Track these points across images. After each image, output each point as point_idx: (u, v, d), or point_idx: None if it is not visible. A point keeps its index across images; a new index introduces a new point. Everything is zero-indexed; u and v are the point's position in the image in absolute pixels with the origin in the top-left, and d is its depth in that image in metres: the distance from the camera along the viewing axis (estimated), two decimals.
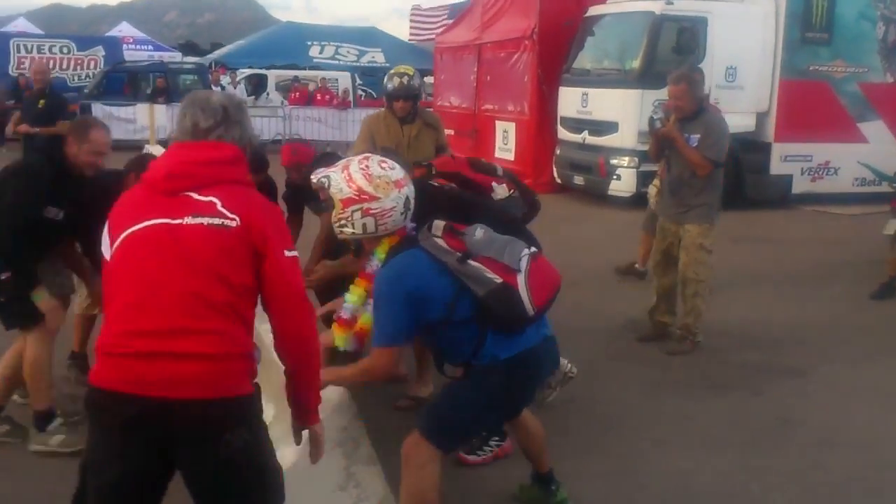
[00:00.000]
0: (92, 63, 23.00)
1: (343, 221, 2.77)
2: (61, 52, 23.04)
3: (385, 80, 5.21)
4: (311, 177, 2.88)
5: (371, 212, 2.74)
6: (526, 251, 2.81)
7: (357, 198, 2.73)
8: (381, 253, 2.85)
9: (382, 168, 2.79)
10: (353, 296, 3.09)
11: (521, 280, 2.73)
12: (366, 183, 2.74)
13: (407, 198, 2.81)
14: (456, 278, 2.71)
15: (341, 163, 2.88)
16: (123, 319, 2.05)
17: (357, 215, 2.75)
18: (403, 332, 2.71)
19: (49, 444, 3.84)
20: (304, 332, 2.21)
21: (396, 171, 2.80)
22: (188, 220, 2.09)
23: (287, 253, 2.16)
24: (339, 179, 2.77)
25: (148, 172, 2.23)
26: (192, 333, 2.02)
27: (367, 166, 2.78)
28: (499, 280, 2.71)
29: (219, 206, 2.11)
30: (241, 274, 2.10)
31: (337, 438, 2.83)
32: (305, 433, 2.39)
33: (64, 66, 22.75)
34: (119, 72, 19.73)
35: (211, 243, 2.08)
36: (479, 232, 2.84)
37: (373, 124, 5.23)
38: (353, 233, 2.79)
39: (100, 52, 23.52)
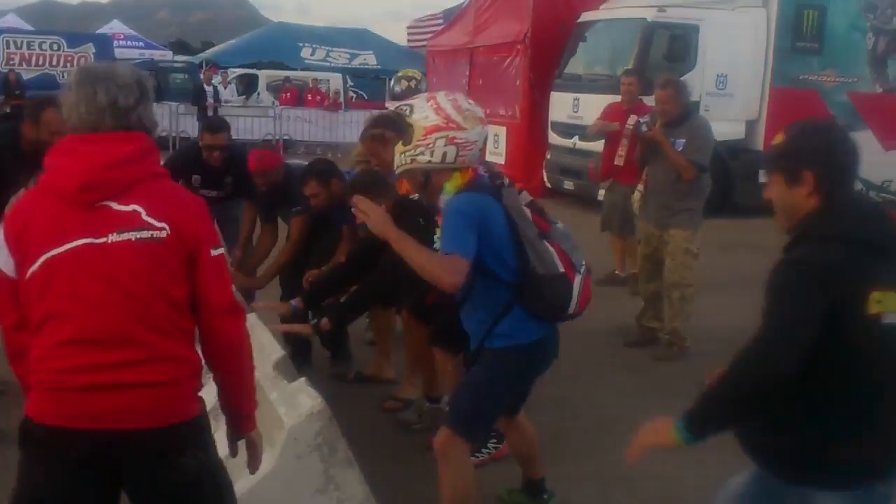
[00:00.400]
0: (82, 60, 22.85)
1: (422, 148, 2.75)
2: (51, 48, 22.91)
3: (392, 82, 5.20)
4: (391, 106, 2.91)
5: (455, 141, 2.73)
6: (584, 262, 2.97)
7: (444, 125, 2.72)
8: (450, 188, 2.81)
9: (469, 103, 2.82)
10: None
11: (577, 280, 2.89)
12: (455, 112, 2.74)
13: (486, 136, 2.86)
14: (520, 246, 2.78)
15: (423, 94, 2.92)
16: (62, 354, 1.89)
17: (440, 143, 2.73)
18: (473, 249, 2.66)
19: None
20: (237, 335, 2.08)
21: (480, 110, 2.84)
22: (114, 238, 1.91)
23: (213, 252, 2.03)
24: (424, 107, 2.78)
25: (53, 179, 1.96)
26: (140, 363, 1.91)
27: (455, 98, 2.82)
28: (561, 269, 2.84)
29: (144, 216, 1.93)
30: (178, 285, 1.97)
31: (313, 443, 2.86)
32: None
33: (54, 63, 22.63)
34: None
35: (143, 260, 1.92)
36: (560, 224, 2.99)
37: None
38: (430, 161, 2.76)
39: (90, 49, 23.40)
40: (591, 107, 11.53)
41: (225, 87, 19.56)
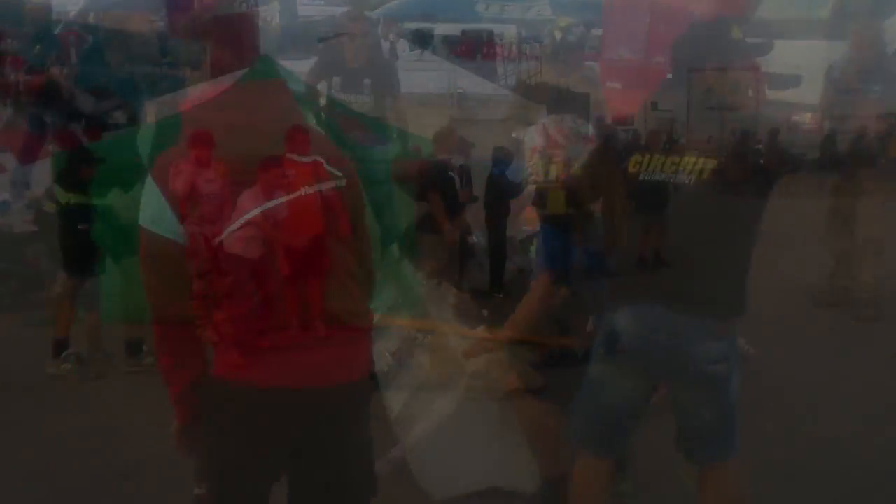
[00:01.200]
0: (268, 18, 24.02)
1: (530, 170, 3.01)
2: (239, 7, 24.22)
3: (551, 31, 5.20)
4: (514, 133, 3.38)
5: (555, 160, 2.93)
6: None
7: (545, 145, 2.96)
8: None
9: (576, 122, 3.03)
10: None
11: None
12: (556, 132, 2.96)
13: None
14: None
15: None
16: (271, 313, 1.83)
17: (542, 162, 2.96)
18: (560, 259, 2.90)
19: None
20: None
21: (588, 128, 3.03)
22: (306, 191, 1.86)
23: None
24: (533, 131, 3.04)
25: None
26: (341, 315, 1.91)
27: (561, 119, 3.04)
28: None
29: (326, 167, 1.90)
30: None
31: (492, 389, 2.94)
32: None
33: None
34: (293, 27, 20.48)
35: (329, 212, 1.89)
36: None
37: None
38: (536, 180, 2.99)
39: (276, 7, 24.48)
40: (780, 53, 10.73)
41: (398, 41, 19.86)
